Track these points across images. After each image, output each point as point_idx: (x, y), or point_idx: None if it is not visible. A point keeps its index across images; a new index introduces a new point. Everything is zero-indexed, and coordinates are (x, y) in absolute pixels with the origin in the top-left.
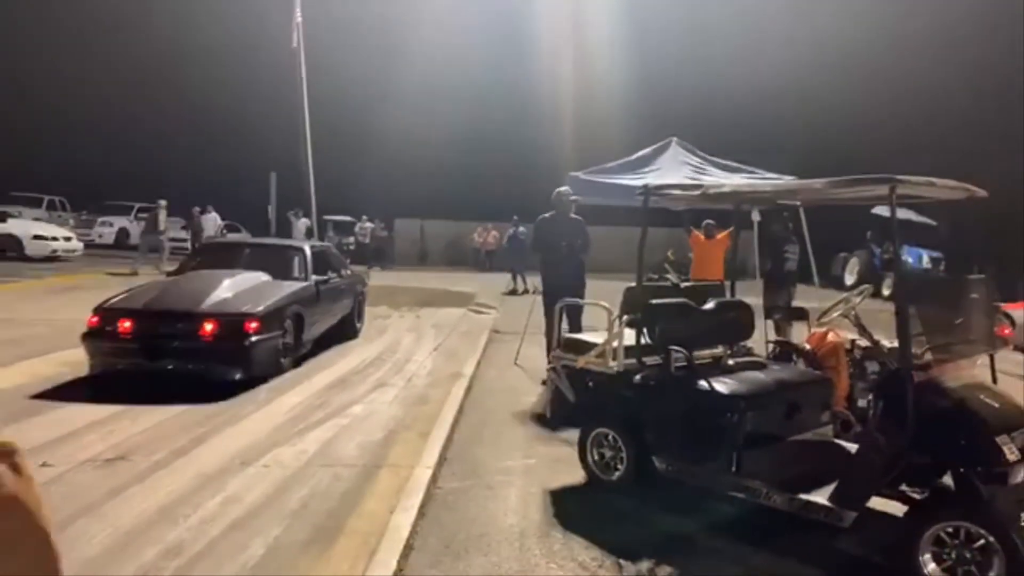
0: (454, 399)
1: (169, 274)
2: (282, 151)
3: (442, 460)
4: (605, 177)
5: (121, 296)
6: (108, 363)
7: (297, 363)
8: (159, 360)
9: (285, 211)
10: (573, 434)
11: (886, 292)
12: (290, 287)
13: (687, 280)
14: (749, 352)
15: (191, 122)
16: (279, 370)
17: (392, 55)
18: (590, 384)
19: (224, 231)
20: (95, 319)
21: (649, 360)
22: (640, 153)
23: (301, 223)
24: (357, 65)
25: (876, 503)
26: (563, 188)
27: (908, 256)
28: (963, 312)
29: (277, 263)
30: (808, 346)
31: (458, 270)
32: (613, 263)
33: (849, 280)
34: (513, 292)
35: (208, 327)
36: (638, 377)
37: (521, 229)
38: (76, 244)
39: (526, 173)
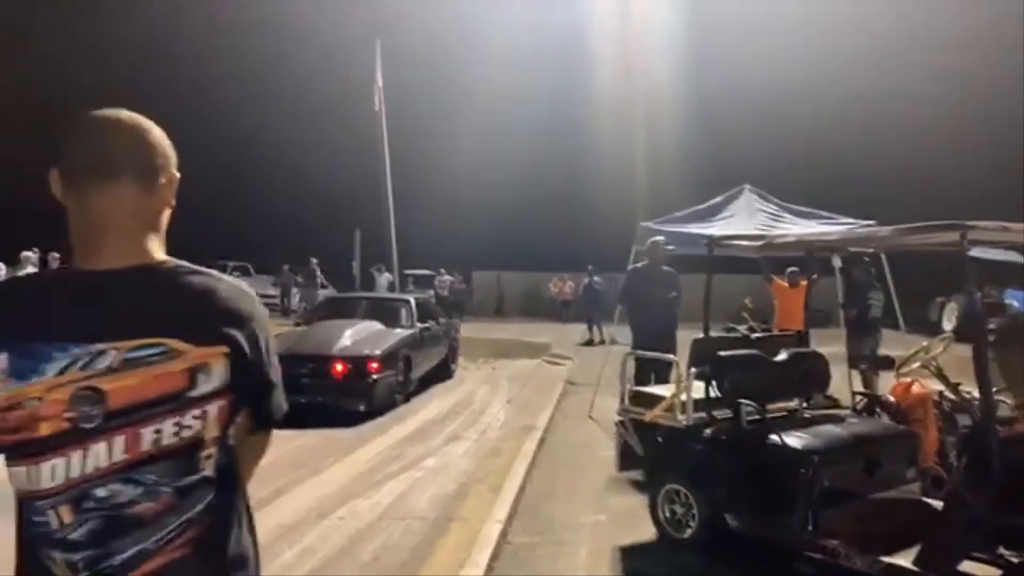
0: (526, 452)
1: (297, 324)
2: (365, 208)
3: (512, 514)
4: (676, 226)
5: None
6: None
7: (407, 399)
8: (298, 395)
9: (367, 266)
10: (646, 489)
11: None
12: (400, 333)
13: (767, 329)
14: (834, 404)
15: (282, 183)
16: (394, 404)
17: (467, 113)
18: (659, 439)
19: (320, 287)
20: None
21: (719, 414)
22: (712, 201)
23: (384, 278)
24: (432, 122)
25: (971, 567)
26: (658, 238)
27: (1013, 300)
28: None
29: (388, 313)
30: (892, 398)
31: (534, 320)
32: (687, 313)
33: (947, 326)
34: (590, 343)
35: (339, 367)
36: (708, 431)
37: (596, 279)
38: None
39: (598, 222)
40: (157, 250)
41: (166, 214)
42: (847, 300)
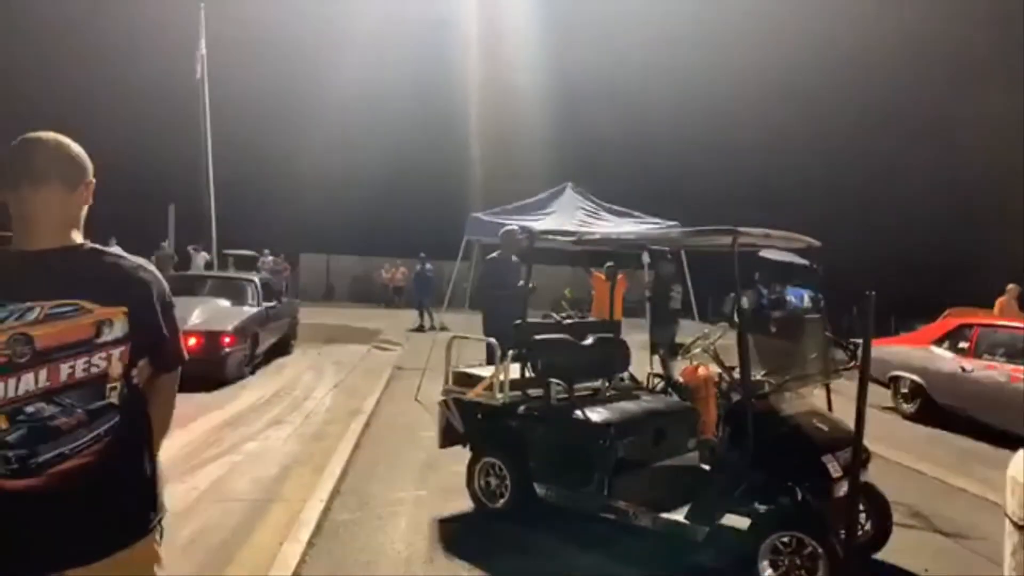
0: (351, 434)
1: None
2: (181, 183)
3: (335, 493)
4: (504, 218)
5: None
6: None
7: (253, 371)
8: None
9: (182, 244)
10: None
11: (774, 330)
12: (248, 311)
13: (583, 317)
14: (638, 385)
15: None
16: (242, 375)
17: (298, 87)
18: (479, 416)
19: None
20: None
21: (533, 392)
22: (538, 196)
23: (200, 257)
24: (260, 96)
25: (731, 519)
26: (512, 227)
27: (791, 296)
28: (799, 346)
29: (235, 291)
30: (681, 379)
31: (365, 306)
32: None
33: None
34: (420, 329)
35: (192, 341)
36: (521, 408)
37: (428, 266)
38: None
39: (432, 210)
40: (77, 236)
41: (84, 210)
42: (652, 293)
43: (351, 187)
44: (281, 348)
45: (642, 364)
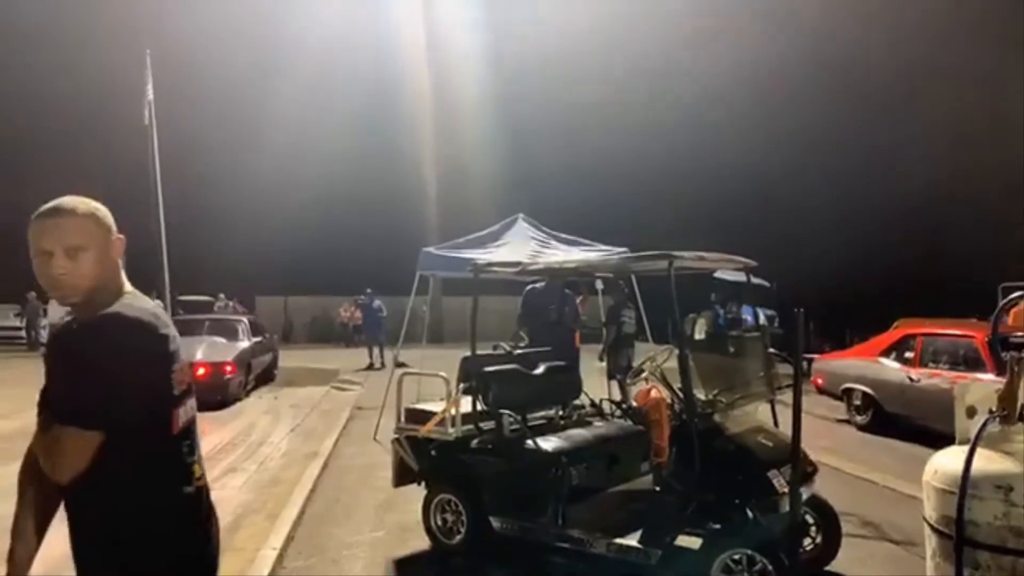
0: (307, 479)
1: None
2: (131, 229)
3: (289, 540)
4: (455, 252)
5: None
6: None
7: (247, 394)
8: None
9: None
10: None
11: (732, 349)
12: (242, 345)
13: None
14: (599, 412)
15: (24, 198)
16: (239, 398)
17: (246, 127)
18: (432, 452)
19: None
20: None
21: (485, 425)
22: (490, 229)
23: (154, 304)
24: (211, 140)
25: (684, 540)
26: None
27: (746, 315)
28: (744, 364)
29: (229, 330)
30: (635, 403)
31: (324, 347)
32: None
33: (698, 337)
34: (370, 367)
35: (200, 371)
36: (474, 442)
37: (376, 302)
38: None
39: (386, 246)
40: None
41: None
42: (607, 318)
43: (304, 227)
44: (267, 375)
45: (601, 389)
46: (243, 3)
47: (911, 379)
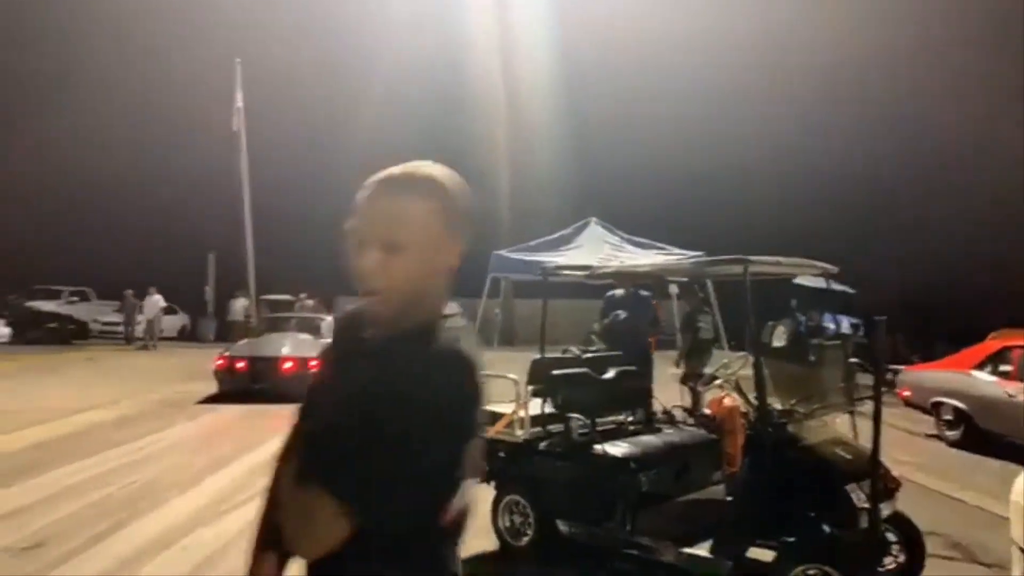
0: None
1: (249, 336)
2: (220, 232)
3: None
4: (528, 255)
5: (234, 348)
6: (229, 385)
7: None
8: (260, 383)
9: (221, 290)
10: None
11: (812, 357)
12: (326, 341)
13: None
14: (670, 419)
15: (130, 205)
16: None
17: (330, 137)
18: (500, 453)
19: (162, 313)
20: (221, 361)
21: (553, 428)
22: (561, 232)
23: (238, 303)
24: (295, 147)
25: (757, 552)
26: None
27: (830, 323)
28: (824, 373)
29: (313, 327)
30: (708, 411)
31: None
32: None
33: (777, 345)
34: None
35: (288, 364)
36: (542, 444)
37: (452, 304)
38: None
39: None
40: None
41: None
42: (682, 324)
43: None
44: None
45: (674, 396)
46: (323, 10)
47: (1009, 394)
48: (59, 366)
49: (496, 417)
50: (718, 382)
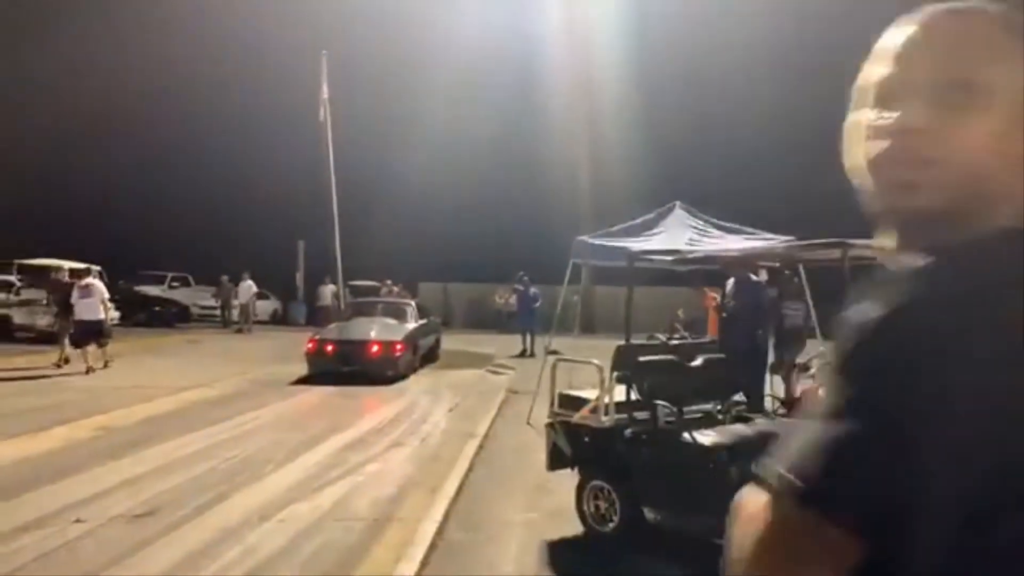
0: (465, 457)
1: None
2: (309, 219)
3: (449, 514)
4: (610, 241)
5: (324, 331)
6: (319, 367)
7: (415, 371)
8: (348, 365)
9: (311, 276)
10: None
11: None
12: (410, 326)
13: (696, 337)
14: (761, 410)
15: (224, 194)
16: (408, 375)
17: (413, 125)
18: (585, 439)
19: (255, 298)
20: (312, 344)
21: (639, 415)
22: (644, 217)
23: (327, 289)
24: (379, 135)
25: None
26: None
27: None
28: None
29: (398, 312)
30: (802, 400)
31: (480, 332)
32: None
33: None
34: (523, 354)
35: (375, 348)
36: (628, 431)
37: (533, 290)
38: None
39: (542, 235)
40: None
41: None
42: (771, 312)
43: (463, 215)
44: (431, 355)
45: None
46: (405, 5)
47: None
48: (164, 347)
49: (580, 402)
50: (812, 371)
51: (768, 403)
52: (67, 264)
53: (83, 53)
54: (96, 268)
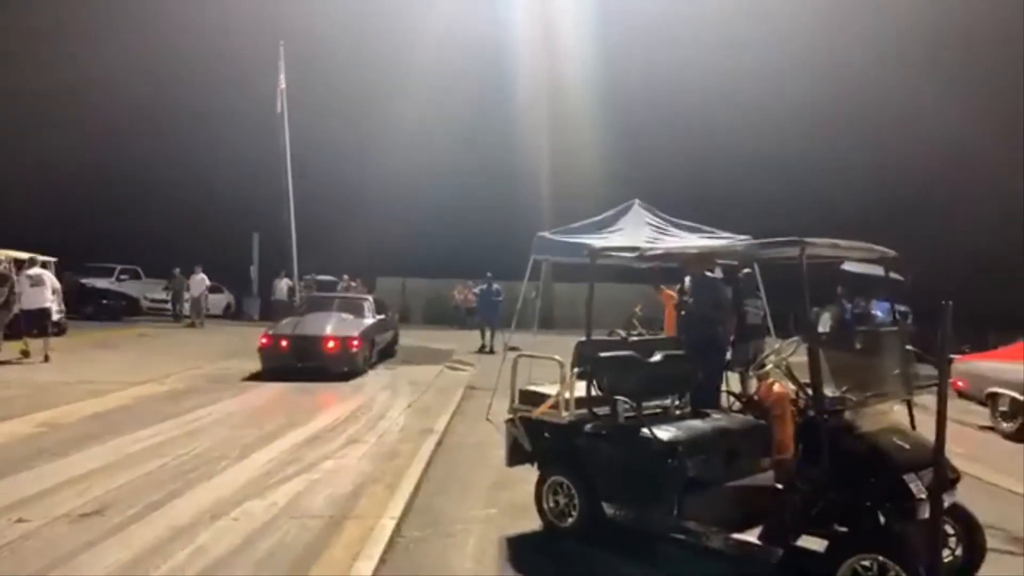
0: (423, 453)
1: (294, 315)
2: (264, 212)
3: (407, 511)
4: (570, 237)
5: (278, 326)
6: (274, 363)
7: (372, 367)
8: (304, 361)
9: (265, 269)
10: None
11: (860, 344)
12: (367, 321)
13: (653, 334)
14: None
15: (175, 185)
16: (365, 370)
17: (372, 119)
18: (545, 434)
19: (208, 291)
20: (266, 339)
21: (599, 410)
22: (604, 214)
23: (283, 283)
24: (337, 128)
25: (808, 541)
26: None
27: (877, 310)
28: (879, 361)
29: (355, 307)
30: (757, 397)
31: (438, 328)
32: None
33: (821, 331)
34: (482, 350)
35: (331, 344)
36: (588, 427)
37: (495, 286)
38: None
39: (502, 232)
40: None
41: None
42: (732, 309)
43: (421, 211)
44: (388, 351)
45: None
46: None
47: None
48: (112, 341)
49: (541, 398)
50: (768, 368)
51: (724, 399)
52: (11, 253)
53: (31, 41)
54: (48, 259)
